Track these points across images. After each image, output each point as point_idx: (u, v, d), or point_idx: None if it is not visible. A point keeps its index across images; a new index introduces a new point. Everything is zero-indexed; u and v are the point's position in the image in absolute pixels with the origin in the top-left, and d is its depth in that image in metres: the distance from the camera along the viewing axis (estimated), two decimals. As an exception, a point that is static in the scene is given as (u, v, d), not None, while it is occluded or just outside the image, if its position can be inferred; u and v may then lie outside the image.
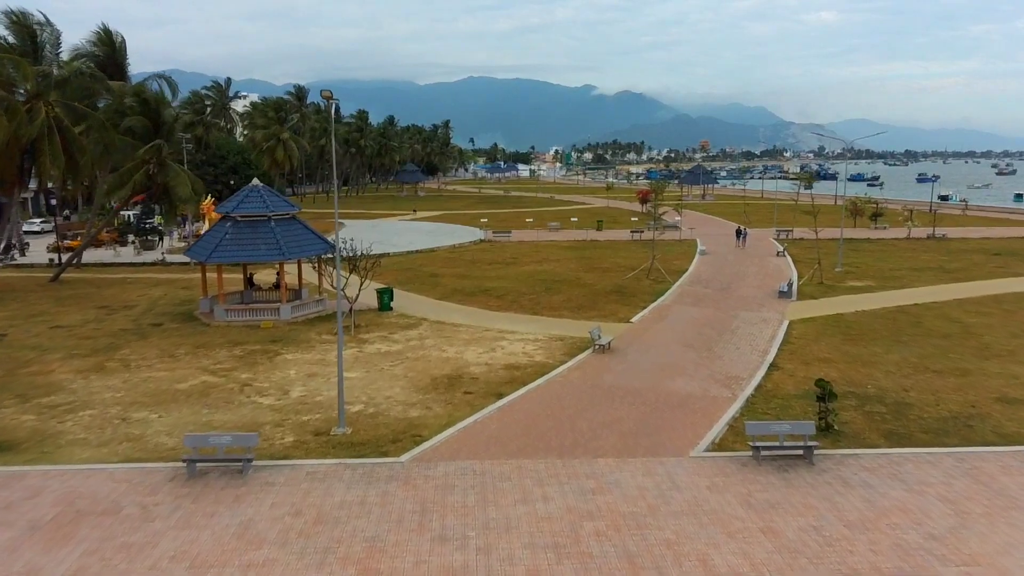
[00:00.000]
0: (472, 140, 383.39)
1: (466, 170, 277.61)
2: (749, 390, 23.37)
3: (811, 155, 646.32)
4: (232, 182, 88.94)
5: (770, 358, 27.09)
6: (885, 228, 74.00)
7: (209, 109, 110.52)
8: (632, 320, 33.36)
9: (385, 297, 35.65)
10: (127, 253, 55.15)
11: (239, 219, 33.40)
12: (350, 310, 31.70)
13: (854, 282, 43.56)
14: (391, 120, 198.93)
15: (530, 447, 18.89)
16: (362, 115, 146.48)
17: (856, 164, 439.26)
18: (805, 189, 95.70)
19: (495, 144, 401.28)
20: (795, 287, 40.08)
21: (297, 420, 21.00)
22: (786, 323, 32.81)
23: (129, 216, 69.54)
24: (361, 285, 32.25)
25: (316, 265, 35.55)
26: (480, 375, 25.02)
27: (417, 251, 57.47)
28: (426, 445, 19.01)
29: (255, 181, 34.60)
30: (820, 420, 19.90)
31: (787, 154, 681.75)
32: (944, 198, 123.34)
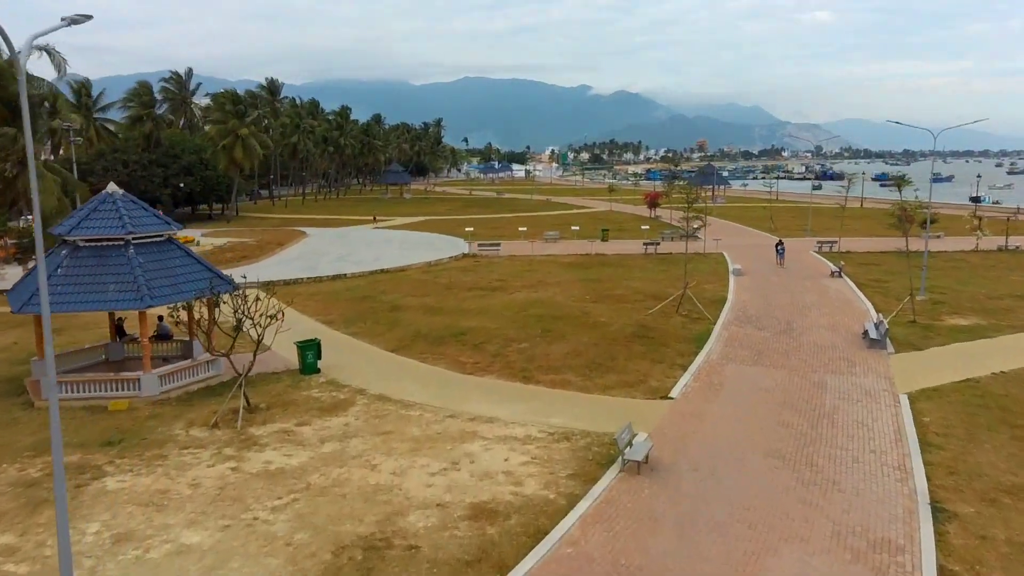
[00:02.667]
0: (466, 140, 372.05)
1: (459, 170, 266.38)
2: (931, 588, 12.35)
3: (809, 155, 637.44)
4: (182, 184, 78.02)
5: (921, 486, 16.05)
6: (940, 237, 63.08)
7: (167, 104, 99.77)
8: (672, 394, 22.30)
9: (309, 355, 24.57)
10: (15, 275, 43.79)
11: (81, 244, 22.27)
12: (239, 382, 20.60)
13: (954, 318, 32.60)
14: (378, 118, 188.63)
15: None
16: (343, 112, 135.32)
17: (856, 163, 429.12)
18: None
19: (489, 144, 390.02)
20: (886, 330, 28.95)
21: None
22: (904, 399, 21.82)
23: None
24: (258, 344, 21.21)
25: (180, 312, 23.53)
26: (424, 536, 13.96)
27: (383, 270, 46.33)
28: None
29: (111, 187, 23.39)
30: None
31: (785, 154, 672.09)
32: (976, 200, 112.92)
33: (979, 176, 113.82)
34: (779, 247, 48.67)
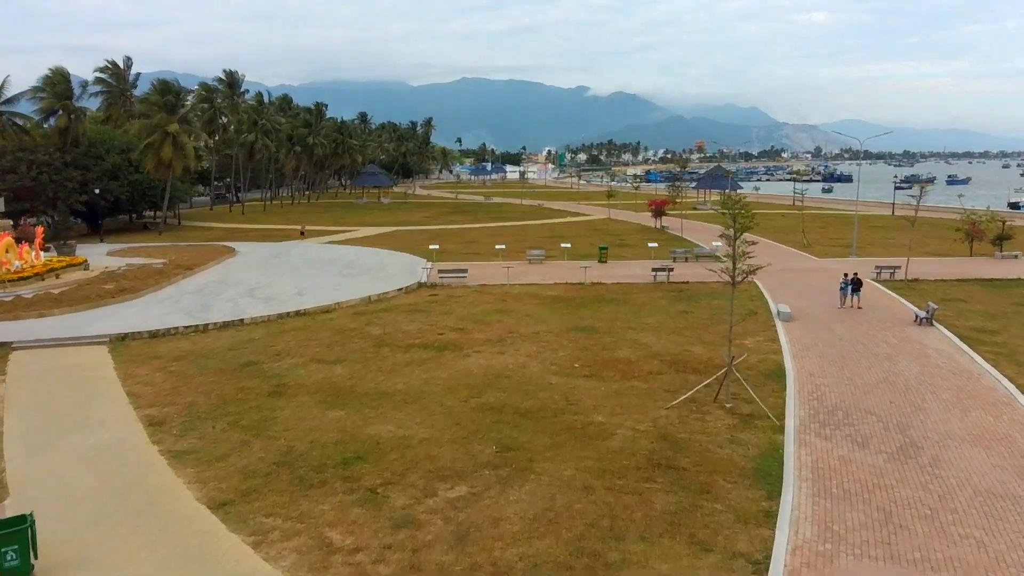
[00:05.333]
0: (459, 140, 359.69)
1: (450, 172, 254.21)
2: None
3: (808, 155, 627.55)
4: (98, 190, 65.58)
5: None
6: (1016, 257, 51.07)
7: (103, 98, 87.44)
8: None
9: (10, 553, 12.24)
10: None
11: None
12: None
13: None
14: (364, 117, 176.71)
15: None
16: (317, 108, 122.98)
17: (859, 164, 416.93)
18: None
19: (483, 144, 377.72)
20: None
21: None
22: None
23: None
24: None
25: None
26: None
27: (299, 312, 33.99)
28: None
29: None
30: None
31: (785, 155, 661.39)
32: (1015, 206, 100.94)
33: (968, 178, 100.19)
34: (849, 285, 33.92)
